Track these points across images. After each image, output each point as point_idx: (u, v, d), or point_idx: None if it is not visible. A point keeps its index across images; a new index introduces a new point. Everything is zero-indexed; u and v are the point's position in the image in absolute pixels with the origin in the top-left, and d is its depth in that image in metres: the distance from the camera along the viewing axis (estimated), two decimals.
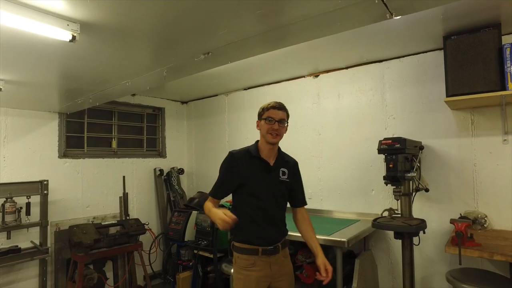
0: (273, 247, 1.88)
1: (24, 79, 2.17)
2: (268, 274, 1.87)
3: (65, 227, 3.43)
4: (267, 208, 1.89)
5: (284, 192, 1.97)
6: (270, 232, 1.89)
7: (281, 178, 1.94)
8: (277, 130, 1.87)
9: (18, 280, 3.15)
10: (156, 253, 4.15)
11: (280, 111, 1.91)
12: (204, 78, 3.52)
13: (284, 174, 1.96)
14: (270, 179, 1.92)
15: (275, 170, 1.94)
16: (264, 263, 1.86)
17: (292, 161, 2.05)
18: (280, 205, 1.96)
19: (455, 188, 2.59)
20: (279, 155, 2.00)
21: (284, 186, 1.96)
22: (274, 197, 1.92)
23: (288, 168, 1.99)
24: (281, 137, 1.92)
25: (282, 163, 1.98)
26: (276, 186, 1.93)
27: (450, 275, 2.14)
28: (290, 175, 1.98)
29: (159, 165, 4.40)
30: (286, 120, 1.93)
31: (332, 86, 3.31)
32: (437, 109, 2.69)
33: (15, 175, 3.19)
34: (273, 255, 1.88)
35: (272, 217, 1.91)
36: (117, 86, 2.36)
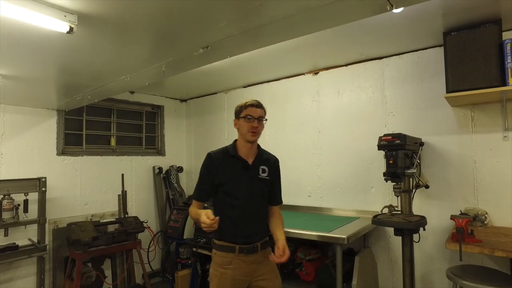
0: (251, 246, 1.86)
1: (22, 73, 2.15)
2: (246, 273, 1.85)
3: (63, 225, 3.41)
4: (245, 207, 1.88)
5: (264, 190, 1.95)
6: (248, 231, 1.88)
7: (261, 176, 1.93)
8: (257, 128, 1.88)
9: (15, 278, 3.13)
10: (155, 251, 4.13)
11: (259, 108, 1.91)
12: (203, 75, 3.51)
13: (264, 172, 1.95)
14: (248, 177, 1.91)
15: (254, 168, 1.93)
16: (242, 262, 1.84)
17: (272, 159, 2.04)
18: (259, 203, 1.94)
19: (455, 185, 2.58)
20: (259, 152, 1.98)
21: (264, 184, 1.95)
22: (253, 196, 1.90)
23: (268, 166, 1.98)
24: (259, 135, 1.92)
25: (261, 161, 1.97)
26: (255, 184, 1.92)
27: (451, 272, 2.13)
28: (270, 173, 1.97)
29: (158, 163, 4.38)
30: (264, 117, 1.94)
31: (331, 83, 3.30)
32: (437, 106, 2.68)
33: (13, 172, 3.17)
34: (251, 254, 1.86)
35: (251, 216, 1.89)
36: (116, 81, 2.34)
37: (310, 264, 2.67)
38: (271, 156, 2.05)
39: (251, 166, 1.93)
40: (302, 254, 2.76)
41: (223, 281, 1.84)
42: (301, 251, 2.79)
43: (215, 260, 1.90)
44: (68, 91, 2.71)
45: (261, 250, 1.89)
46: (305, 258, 2.72)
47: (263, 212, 1.97)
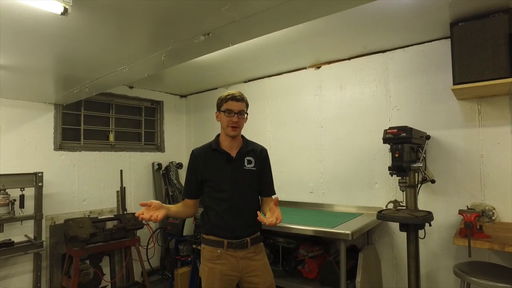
0: (240, 240, 1.81)
1: (17, 63, 2.08)
2: (236, 269, 1.80)
3: (61, 221, 3.35)
4: (231, 200, 1.83)
5: (251, 181, 1.89)
6: (236, 226, 1.82)
7: (246, 167, 1.87)
8: (237, 123, 1.85)
9: (11, 275, 3.07)
10: (154, 249, 4.06)
11: (239, 102, 1.86)
12: (203, 69, 3.44)
13: (250, 163, 1.89)
14: (232, 170, 1.86)
15: (238, 160, 1.88)
16: (231, 257, 1.80)
17: (258, 149, 1.98)
18: (247, 196, 1.88)
19: (461, 180, 2.52)
20: (243, 144, 1.94)
21: (250, 175, 1.89)
22: (239, 189, 1.85)
23: (254, 156, 1.92)
24: (240, 129, 1.89)
25: (246, 152, 1.91)
26: (241, 176, 1.87)
27: (458, 269, 2.07)
28: (257, 163, 1.91)
29: (157, 159, 4.32)
30: (245, 111, 1.90)
31: (334, 77, 3.24)
32: (442, 99, 2.62)
33: (9, 167, 3.11)
34: (241, 250, 1.81)
35: (238, 209, 1.84)
36: (114, 73, 2.28)
37: (313, 261, 2.61)
38: (257, 146, 1.98)
39: (234, 158, 1.88)
40: (304, 251, 2.71)
41: (212, 277, 1.80)
42: (304, 248, 2.74)
43: (204, 254, 1.87)
44: (65, 84, 2.65)
45: (252, 245, 1.84)
46: (308, 255, 2.66)
47: (252, 205, 1.89)
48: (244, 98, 1.90)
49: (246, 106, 1.91)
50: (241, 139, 1.95)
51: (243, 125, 1.90)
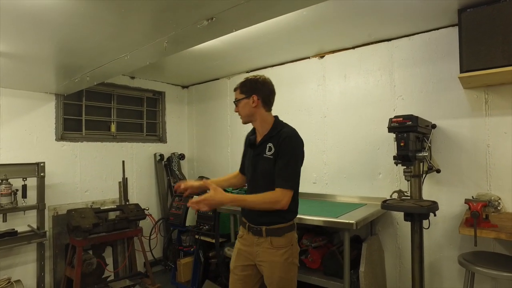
0: (256, 228, 1.80)
1: (17, 50, 2.05)
2: (251, 252, 1.83)
3: (63, 212, 3.35)
4: (250, 186, 1.91)
5: (267, 169, 1.77)
6: (252, 211, 1.82)
7: (266, 155, 1.79)
8: (237, 112, 1.91)
9: (16, 265, 3.08)
10: (156, 239, 4.08)
11: (234, 92, 1.92)
12: (206, 59, 3.40)
13: (270, 150, 1.78)
14: (254, 156, 1.87)
15: (260, 146, 1.84)
16: (251, 241, 1.84)
17: (282, 135, 1.78)
18: (262, 184, 1.78)
19: (466, 170, 2.49)
20: (271, 130, 1.85)
21: (267, 163, 1.77)
22: (255, 176, 1.85)
23: (274, 143, 1.78)
24: (243, 116, 1.89)
25: (269, 138, 1.82)
26: (258, 163, 1.83)
27: (463, 258, 2.06)
28: (275, 151, 1.77)
29: (159, 150, 4.30)
30: (238, 98, 1.88)
31: (338, 67, 3.20)
32: (448, 88, 2.58)
33: (10, 157, 3.10)
34: (257, 237, 1.80)
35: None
36: (115, 61, 2.24)
37: (316, 251, 2.60)
38: (283, 132, 1.79)
39: (257, 144, 1.87)
40: (307, 241, 2.69)
41: (234, 251, 1.95)
42: (307, 238, 2.72)
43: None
44: (66, 72, 2.61)
45: (268, 236, 1.76)
46: (311, 245, 2.65)
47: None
48: (238, 86, 1.89)
49: (241, 91, 1.86)
50: (270, 125, 1.86)
51: (243, 111, 1.87)
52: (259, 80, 1.86)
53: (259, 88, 1.84)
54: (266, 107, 1.87)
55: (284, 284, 1.78)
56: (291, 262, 1.79)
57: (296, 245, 1.85)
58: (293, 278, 1.83)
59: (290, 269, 1.79)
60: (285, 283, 1.78)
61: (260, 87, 1.85)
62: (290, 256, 1.78)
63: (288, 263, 1.77)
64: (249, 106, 1.83)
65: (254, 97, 1.82)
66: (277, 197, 1.69)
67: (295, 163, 1.77)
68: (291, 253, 1.79)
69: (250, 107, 1.83)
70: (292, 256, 1.80)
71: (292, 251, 1.79)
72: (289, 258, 1.77)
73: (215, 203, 1.65)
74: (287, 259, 1.76)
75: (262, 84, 1.86)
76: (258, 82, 1.85)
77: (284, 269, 1.76)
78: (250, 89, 1.84)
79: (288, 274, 1.79)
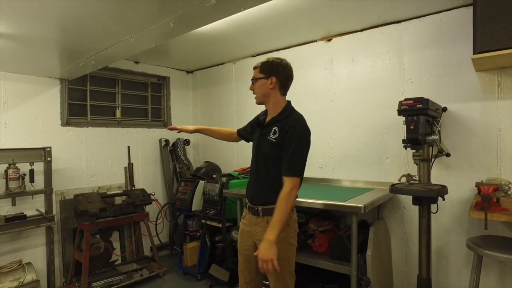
0: (255, 207, 1.87)
1: (19, 32, 2.01)
2: (252, 233, 1.88)
3: (70, 197, 3.37)
4: (252, 165, 1.95)
5: (269, 152, 1.82)
6: (254, 191, 1.91)
7: (269, 137, 1.83)
8: (253, 91, 1.91)
9: (26, 248, 3.12)
10: (163, 224, 4.11)
11: (254, 70, 1.91)
12: (211, 43, 3.35)
13: (274, 133, 1.82)
14: (260, 136, 1.91)
15: (267, 128, 1.87)
16: (251, 220, 1.90)
17: (288, 122, 1.79)
18: (264, 165, 1.84)
19: (476, 154, 2.46)
20: (280, 113, 1.86)
21: (270, 146, 1.82)
22: (257, 157, 1.90)
23: (279, 127, 1.80)
24: (257, 95, 1.90)
25: (275, 121, 1.85)
26: (262, 144, 1.87)
27: (471, 242, 2.05)
28: (279, 136, 1.79)
29: (164, 135, 4.29)
30: (257, 76, 1.87)
31: (345, 50, 3.13)
32: (459, 71, 2.52)
33: (17, 142, 3.10)
34: (255, 216, 1.87)
35: (257, 176, 1.89)
36: (120, 43, 2.20)
37: (323, 235, 2.61)
38: (290, 119, 1.81)
39: (264, 125, 1.90)
40: (314, 225, 2.70)
41: (239, 232, 2.02)
42: (314, 223, 2.73)
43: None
44: (70, 56, 2.58)
45: (264, 215, 1.83)
46: (318, 229, 2.65)
47: (267, 176, 1.84)
48: (259, 65, 1.88)
49: (261, 70, 1.85)
50: (281, 108, 1.87)
51: (259, 90, 1.87)
52: (281, 63, 1.87)
53: (279, 71, 1.85)
54: (282, 91, 1.89)
55: (281, 263, 1.76)
56: (287, 241, 1.82)
57: (294, 226, 1.88)
58: (291, 258, 1.87)
59: (287, 249, 1.82)
60: (282, 262, 1.78)
61: (281, 70, 1.86)
62: (286, 236, 1.80)
63: (284, 242, 1.79)
64: (266, 86, 1.85)
65: (273, 78, 1.83)
66: (288, 190, 1.72)
67: (302, 150, 1.79)
68: (288, 232, 1.82)
69: (267, 88, 1.85)
70: (289, 236, 1.83)
71: (288, 231, 1.82)
72: (285, 237, 1.80)
73: (272, 250, 1.63)
74: (283, 238, 1.78)
75: (283, 68, 1.87)
76: (280, 65, 1.86)
77: (280, 247, 1.75)
78: (271, 71, 1.84)
79: (285, 254, 1.81)
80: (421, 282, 2.32)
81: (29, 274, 2.83)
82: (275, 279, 1.83)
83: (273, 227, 1.66)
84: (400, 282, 2.82)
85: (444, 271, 2.62)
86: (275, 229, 1.66)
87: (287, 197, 1.71)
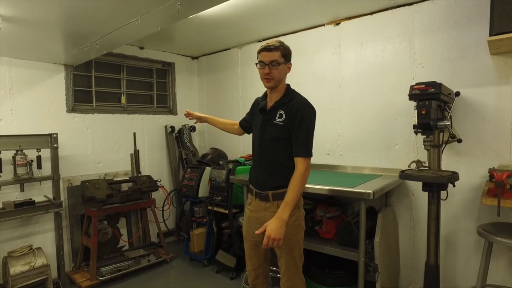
0: (263, 193, 1.85)
1: (23, 14, 1.97)
2: (260, 219, 1.85)
3: (77, 183, 3.39)
4: (257, 151, 1.91)
5: (277, 136, 1.80)
6: (261, 176, 1.88)
7: (276, 121, 1.81)
8: (269, 74, 1.78)
9: (35, 233, 3.16)
10: (169, 210, 4.14)
11: (271, 52, 1.77)
12: (216, 28, 3.29)
13: (280, 117, 1.80)
14: (263, 122, 1.87)
15: (271, 112, 1.85)
16: (258, 206, 1.89)
17: (295, 104, 1.78)
18: (272, 150, 1.83)
19: (488, 140, 2.41)
20: (283, 96, 1.84)
21: (277, 130, 1.80)
22: (263, 141, 1.87)
23: (286, 110, 1.79)
24: (275, 80, 1.80)
25: (280, 105, 1.83)
26: (267, 129, 1.84)
27: (482, 229, 2.03)
28: (287, 119, 1.78)
29: (170, 122, 4.27)
30: (279, 61, 1.77)
31: (354, 34, 3.05)
32: (473, 54, 2.45)
33: (23, 129, 3.10)
34: (264, 202, 1.85)
35: (263, 161, 1.87)
36: (125, 26, 2.15)
37: (331, 221, 2.60)
38: (296, 101, 1.80)
39: (267, 111, 1.87)
40: (322, 211, 2.68)
41: (245, 219, 2.02)
42: (321, 209, 2.71)
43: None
44: (75, 40, 2.54)
45: (274, 200, 1.82)
46: (325, 215, 2.64)
47: (275, 160, 1.83)
48: (279, 46, 1.78)
49: (282, 54, 1.78)
50: (283, 91, 1.86)
51: (279, 75, 1.80)
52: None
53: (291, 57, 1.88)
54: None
55: (293, 245, 1.83)
56: (298, 224, 1.84)
57: (302, 209, 1.90)
58: (300, 240, 1.88)
59: (297, 232, 1.85)
60: (293, 245, 1.83)
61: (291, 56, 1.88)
62: (297, 219, 1.83)
63: (295, 226, 1.82)
64: (285, 71, 1.85)
65: (290, 64, 1.87)
66: (303, 170, 1.74)
67: (311, 131, 1.81)
68: (298, 215, 1.84)
69: (284, 73, 1.86)
70: (299, 219, 1.85)
71: (299, 214, 1.85)
72: (296, 220, 1.82)
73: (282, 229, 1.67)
74: (294, 222, 1.81)
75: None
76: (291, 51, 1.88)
77: (292, 231, 1.80)
78: (289, 55, 1.85)
79: (296, 236, 1.84)
80: (429, 268, 2.31)
81: (39, 259, 2.87)
82: (286, 262, 1.85)
83: (287, 205, 1.69)
84: (407, 269, 2.82)
85: (452, 258, 2.61)
86: (288, 207, 1.69)
87: (302, 177, 1.72)
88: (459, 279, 2.58)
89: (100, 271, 3.15)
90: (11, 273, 2.70)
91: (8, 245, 2.98)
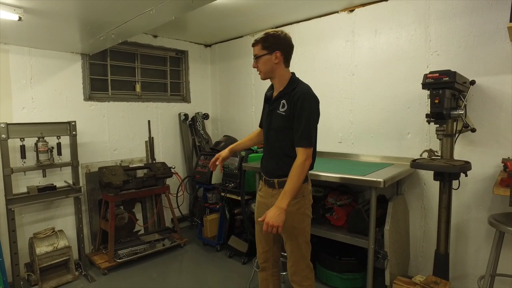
0: (270, 180, 1.92)
1: (42, 6, 2.04)
2: (268, 205, 1.87)
3: (95, 169, 3.51)
4: (265, 140, 1.97)
5: (281, 125, 1.82)
6: (269, 164, 1.94)
7: (279, 111, 1.83)
8: (257, 68, 1.86)
9: (56, 217, 3.31)
10: (183, 196, 4.24)
11: (253, 47, 1.84)
12: (229, 16, 3.29)
13: (283, 107, 1.82)
14: (269, 112, 1.90)
15: (275, 102, 1.87)
16: (267, 193, 1.95)
17: (296, 94, 1.77)
18: (277, 139, 1.86)
19: (504, 130, 2.37)
20: (286, 86, 1.84)
21: (280, 119, 1.82)
22: (269, 131, 1.92)
23: (288, 100, 1.80)
24: (263, 72, 1.85)
25: (283, 95, 1.84)
26: (272, 119, 1.88)
27: (493, 218, 2.02)
28: (288, 109, 1.80)
29: (183, 110, 4.34)
30: (259, 54, 1.81)
31: (368, 21, 3.01)
32: (491, 42, 2.39)
33: (44, 117, 3.21)
34: (271, 189, 1.92)
35: (271, 150, 1.92)
36: (140, 16, 2.19)
37: (341, 209, 2.63)
38: (296, 90, 1.79)
39: (272, 101, 1.90)
40: (333, 199, 2.72)
41: (256, 204, 2.10)
42: (332, 197, 2.75)
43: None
44: (91, 30, 2.60)
45: (279, 187, 1.86)
46: (336, 203, 2.68)
47: (280, 149, 1.86)
48: (259, 40, 1.80)
49: (263, 47, 1.79)
50: (286, 81, 1.86)
51: (264, 67, 1.82)
52: (281, 35, 1.81)
53: (282, 44, 1.81)
54: (286, 63, 1.86)
55: (297, 233, 1.88)
56: (303, 212, 1.87)
57: (309, 197, 1.92)
58: (306, 228, 1.92)
59: (302, 220, 1.88)
60: (298, 232, 1.88)
61: (283, 42, 1.81)
62: (301, 207, 1.86)
63: (299, 213, 1.85)
64: (271, 62, 1.81)
65: (277, 53, 1.79)
66: (302, 160, 1.74)
67: (312, 121, 1.80)
68: (303, 203, 1.87)
69: (272, 64, 1.82)
70: (304, 207, 1.88)
71: (304, 202, 1.87)
72: (300, 208, 1.85)
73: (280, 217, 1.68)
74: (298, 209, 1.84)
75: (284, 40, 1.82)
76: (281, 38, 1.80)
77: (295, 218, 1.84)
78: (273, 45, 1.79)
79: (301, 224, 1.88)
80: (439, 257, 2.34)
81: (61, 240, 3.02)
82: (291, 249, 1.90)
83: (284, 195, 1.71)
84: (417, 257, 2.85)
85: (462, 247, 2.62)
86: (286, 197, 1.71)
87: (300, 167, 1.73)
88: (469, 268, 2.60)
89: (118, 253, 3.28)
90: (37, 253, 2.86)
91: (33, 227, 3.14)
